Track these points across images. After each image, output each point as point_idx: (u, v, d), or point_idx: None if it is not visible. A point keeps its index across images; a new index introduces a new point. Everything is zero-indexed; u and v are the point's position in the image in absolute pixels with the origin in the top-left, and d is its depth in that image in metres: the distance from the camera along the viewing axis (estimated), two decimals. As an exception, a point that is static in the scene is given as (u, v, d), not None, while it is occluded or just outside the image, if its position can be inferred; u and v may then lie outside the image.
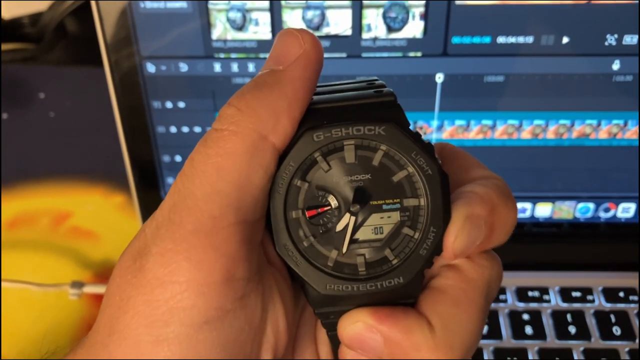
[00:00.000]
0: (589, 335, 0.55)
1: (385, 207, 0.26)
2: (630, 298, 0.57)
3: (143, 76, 0.53)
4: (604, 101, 0.54)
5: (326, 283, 0.26)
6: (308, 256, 0.26)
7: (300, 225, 0.26)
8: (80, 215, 0.68)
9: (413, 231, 0.26)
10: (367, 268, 0.26)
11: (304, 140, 0.25)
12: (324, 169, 0.25)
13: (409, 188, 0.25)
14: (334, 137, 0.25)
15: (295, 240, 0.26)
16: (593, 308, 0.57)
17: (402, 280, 0.25)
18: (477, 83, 0.53)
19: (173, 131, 0.56)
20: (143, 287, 0.23)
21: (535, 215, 0.60)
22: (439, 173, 0.25)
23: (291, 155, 0.25)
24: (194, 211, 0.23)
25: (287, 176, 0.25)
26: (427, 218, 0.25)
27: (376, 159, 0.25)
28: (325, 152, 0.25)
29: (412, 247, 0.26)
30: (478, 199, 0.26)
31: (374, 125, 0.25)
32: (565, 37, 0.51)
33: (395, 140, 0.25)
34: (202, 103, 0.55)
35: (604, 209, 0.59)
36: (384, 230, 0.26)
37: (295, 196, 0.25)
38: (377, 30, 0.51)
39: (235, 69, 0.53)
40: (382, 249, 0.26)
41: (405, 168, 0.25)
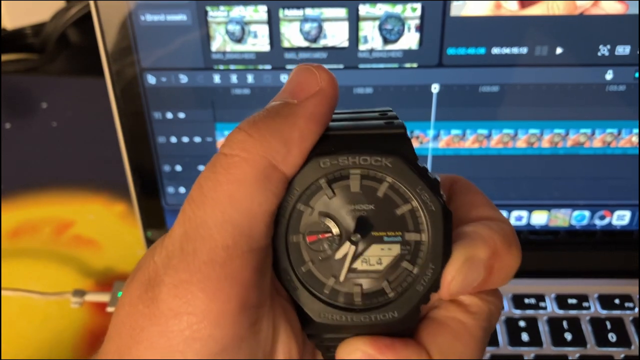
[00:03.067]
0: (585, 342, 0.55)
1: (386, 239, 0.26)
2: (626, 305, 0.58)
3: (144, 87, 0.54)
4: (598, 110, 0.54)
5: (320, 311, 0.26)
6: (305, 282, 0.26)
7: (300, 250, 0.26)
8: (82, 224, 0.69)
9: (412, 266, 0.26)
10: (363, 299, 0.26)
11: (311, 166, 0.25)
12: (328, 196, 0.25)
13: (411, 222, 0.25)
14: (341, 165, 0.25)
15: (294, 265, 0.26)
16: (589, 315, 0.57)
17: (397, 315, 0.26)
18: (473, 93, 0.54)
19: (173, 141, 0.57)
20: (157, 318, 0.22)
21: (532, 223, 0.60)
22: (442, 210, 0.25)
23: (297, 179, 0.25)
24: (207, 241, 0.22)
25: (291, 200, 0.25)
26: (427, 254, 0.25)
27: (381, 190, 0.25)
28: (331, 179, 0.25)
29: (409, 282, 0.26)
30: (481, 241, 0.25)
31: (381, 157, 0.25)
32: (559, 47, 0.52)
33: (401, 173, 0.25)
34: (201, 114, 0.55)
35: (599, 217, 0.60)
36: (383, 262, 0.26)
37: (298, 220, 0.26)
38: (374, 42, 0.52)
39: (234, 80, 0.54)
40: (379, 281, 0.26)
41: (409, 202, 0.25)
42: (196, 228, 0.23)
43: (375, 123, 0.26)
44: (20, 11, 0.89)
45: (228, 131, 0.56)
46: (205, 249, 0.22)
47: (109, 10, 0.51)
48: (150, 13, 0.51)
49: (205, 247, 0.22)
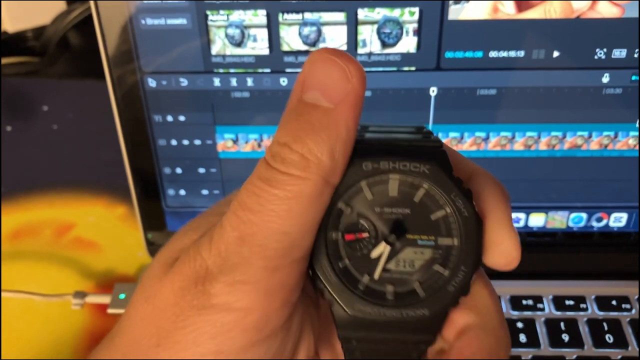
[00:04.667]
0: (582, 343, 0.56)
1: (420, 242, 0.27)
2: (623, 306, 0.58)
3: (144, 91, 0.55)
4: (595, 113, 0.55)
5: (355, 304, 0.27)
6: (341, 277, 0.27)
7: (338, 247, 0.27)
8: (83, 226, 0.69)
9: (443, 269, 0.27)
10: (395, 297, 0.27)
11: (354, 168, 0.26)
12: (367, 198, 0.27)
13: (444, 227, 0.27)
14: (381, 169, 0.26)
15: (331, 260, 0.27)
16: (586, 316, 0.58)
17: (427, 312, 0.26)
18: (470, 96, 0.54)
19: (174, 144, 0.57)
20: (206, 309, 0.24)
21: (529, 225, 0.61)
22: (475, 217, 0.26)
23: (341, 181, 0.26)
24: (264, 249, 0.24)
25: (334, 199, 0.26)
26: (458, 258, 0.26)
27: (418, 195, 0.26)
28: (371, 182, 0.26)
29: (440, 284, 0.27)
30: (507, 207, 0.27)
31: (420, 164, 0.26)
32: (556, 51, 0.52)
33: (437, 180, 0.26)
34: (202, 117, 0.56)
35: (597, 219, 0.60)
36: (415, 264, 0.27)
37: (337, 218, 0.27)
38: (372, 46, 0.52)
39: (234, 83, 0.54)
40: (411, 282, 0.27)
41: (443, 208, 0.26)
42: (253, 235, 0.24)
43: (413, 136, 0.28)
44: (21, 14, 0.90)
45: (228, 134, 0.57)
46: (262, 255, 0.24)
47: (109, 14, 0.51)
48: (151, 17, 0.52)
49: (261, 254, 0.24)
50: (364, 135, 0.27)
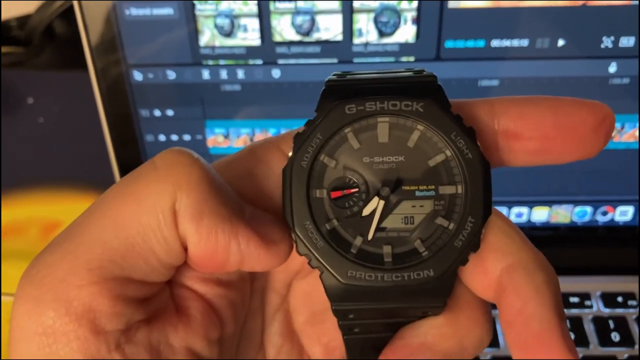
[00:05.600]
0: (588, 342, 0.54)
1: (418, 193, 0.23)
2: (629, 303, 0.57)
3: (130, 84, 0.52)
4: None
5: (348, 270, 0.23)
6: (329, 240, 0.23)
7: (323, 207, 0.23)
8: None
9: (448, 222, 0.23)
10: (394, 259, 0.23)
11: (335, 113, 0.23)
12: (354, 147, 0.23)
13: (445, 174, 0.23)
14: (368, 111, 0.23)
15: (317, 222, 0.23)
16: (591, 314, 0.56)
17: (433, 273, 0.23)
18: (472, 87, 0.52)
19: (162, 139, 0.55)
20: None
21: (532, 220, 0.59)
22: (480, 158, 0.23)
23: (320, 126, 0.23)
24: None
25: (312, 150, 0.23)
26: (464, 207, 0.23)
27: (412, 139, 0.23)
28: (357, 128, 0.23)
29: (445, 240, 0.23)
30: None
31: (412, 101, 0.23)
32: (561, 39, 0.50)
33: (433, 119, 0.23)
34: (191, 111, 0.54)
35: (602, 213, 0.58)
36: (415, 219, 0.23)
37: (321, 174, 0.23)
38: (369, 35, 0.50)
39: (224, 76, 0.52)
40: (411, 240, 0.23)
41: (442, 151, 0.23)
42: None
43: (402, 74, 0.24)
44: (5, 3, 0.87)
45: (218, 129, 0.54)
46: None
47: (92, 4, 0.49)
48: (135, 7, 0.49)
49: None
50: (345, 76, 0.24)
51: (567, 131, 0.23)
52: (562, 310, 0.22)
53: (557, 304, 0.22)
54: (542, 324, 0.21)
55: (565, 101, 0.24)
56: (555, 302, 0.22)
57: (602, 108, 0.24)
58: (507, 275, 0.22)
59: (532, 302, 0.22)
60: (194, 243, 0.22)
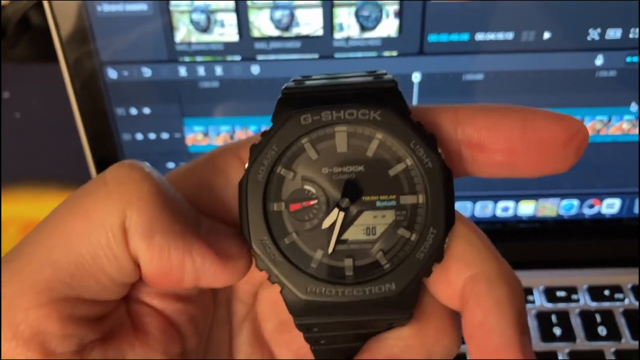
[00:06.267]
0: (574, 337, 0.54)
1: (379, 204, 0.23)
2: (616, 296, 0.56)
3: (104, 82, 0.51)
4: (587, 97, 0.52)
5: (307, 286, 0.23)
6: (289, 255, 0.23)
7: (282, 220, 0.23)
8: (49, 223, 0.65)
9: (410, 232, 0.23)
10: (355, 272, 0.23)
11: (290, 123, 0.22)
12: (311, 158, 0.23)
13: (406, 183, 0.23)
14: (324, 121, 0.22)
15: (275, 236, 0.23)
16: (578, 308, 0.55)
17: (395, 287, 0.22)
18: (456, 82, 0.51)
19: (139, 138, 0.53)
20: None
21: (519, 214, 0.58)
22: (440, 167, 0.22)
23: (275, 138, 0.22)
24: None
25: (268, 162, 0.22)
26: (426, 218, 0.22)
27: (371, 149, 0.23)
28: (314, 138, 0.23)
29: (407, 251, 0.23)
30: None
31: (369, 110, 0.22)
32: (547, 32, 0.49)
33: (392, 127, 0.22)
34: (168, 109, 0.52)
35: (588, 206, 0.58)
36: (376, 230, 0.23)
37: (278, 186, 0.23)
38: (350, 30, 0.48)
39: (201, 72, 0.50)
40: (373, 253, 0.23)
41: (403, 160, 0.23)
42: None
43: (361, 79, 0.23)
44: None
45: (197, 126, 0.53)
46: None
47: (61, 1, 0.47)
48: (107, 2, 0.47)
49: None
50: (303, 83, 0.23)
51: (536, 145, 0.22)
52: (524, 324, 0.21)
53: (519, 317, 0.21)
54: (501, 339, 0.21)
55: (535, 113, 0.23)
56: (517, 316, 0.21)
57: (574, 123, 0.23)
58: (469, 287, 0.22)
59: (493, 315, 0.21)
60: (146, 261, 0.22)
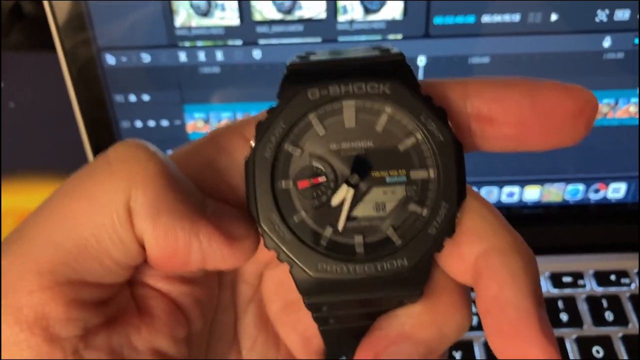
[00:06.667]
0: (582, 322, 0.53)
1: (389, 180, 0.22)
2: (622, 281, 0.56)
3: (102, 68, 0.50)
4: (594, 80, 0.51)
5: (318, 263, 0.22)
6: (298, 233, 0.22)
7: (290, 198, 0.22)
8: (47, 213, 0.64)
9: (421, 208, 0.22)
10: (365, 249, 0.23)
11: (298, 99, 0.22)
12: (319, 134, 0.22)
13: (416, 158, 0.22)
14: (332, 96, 0.22)
15: (283, 214, 0.22)
16: (585, 293, 0.55)
17: (407, 262, 0.22)
18: (462, 65, 0.50)
19: (139, 126, 0.52)
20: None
21: (524, 199, 0.57)
22: (451, 140, 0.22)
23: (283, 114, 0.22)
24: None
25: (275, 139, 0.22)
26: (437, 192, 0.22)
27: (380, 123, 0.22)
28: (322, 113, 0.22)
29: (419, 227, 0.22)
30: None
31: (378, 83, 0.22)
32: (554, 14, 0.48)
33: (402, 100, 0.22)
34: (168, 95, 0.51)
35: (594, 190, 0.57)
36: (386, 207, 0.22)
37: (286, 164, 0.22)
38: (354, 13, 0.47)
39: (202, 57, 0.49)
40: (384, 229, 0.23)
41: (413, 134, 0.22)
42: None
43: (368, 53, 0.23)
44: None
45: (198, 113, 0.52)
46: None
47: (58, -16, 0.46)
48: (105, -14, 0.46)
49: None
50: (308, 58, 0.23)
51: (545, 117, 0.22)
52: (540, 297, 0.21)
53: (535, 290, 0.21)
54: (518, 312, 0.20)
55: (544, 85, 0.22)
56: (533, 288, 0.21)
57: (585, 93, 0.22)
58: (483, 260, 0.21)
59: (508, 288, 0.21)
60: (152, 243, 0.21)
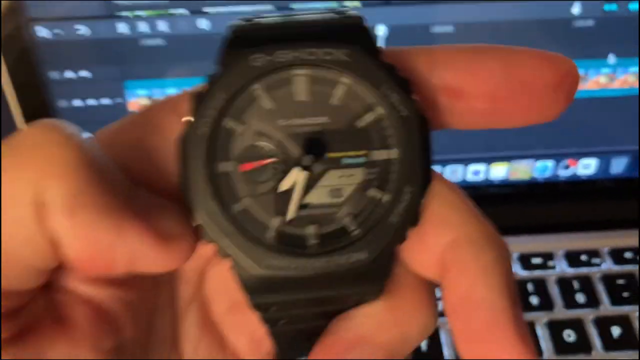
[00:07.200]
0: (552, 305, 0.51)
1: (346, 161, 0.20)
2: (593, 261, 0.54)
3: (34, 42, 0.46)
4: (563, 49, 0.48)
5: (264, 259, 0.19)
6: (240, 224, 0.19)
7: (231, 183, 0.20)
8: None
9: (382, 193, 0.20)
10: (320, 241, 0.20)
11: (238, 66, 0.19)
12: (265, 107, 0.19)
13: (377, 136, 0.20)
14: (279, 62, 0.19)
15: (223, 202, 0.19)
16: (555, 275, 0.53)
17: (366, 255, 0.19)
18: (424, 35, 0.47)
19: (77, 105, 0.49)
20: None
21: (490, 178, 0.55)
22: (416, 115, 0.19)
23: (220, 84, 0.19)
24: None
25: (213, 113, 0.19)
26: (400, 175, 0.20)
27: (336, 95, 0.19)
28: (269, 83, 0.19)
29: (380, 214, 0.20)
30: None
31: (334, 49, 0.19)
32: (520, -22, 0.45)
33: (361, 69, 0.19)
34: (108, 71, 0.48)
35: (564, 167, 0.55)
36: (343, 192, 0.20)
37: (226, 142, 0.19)
38: (307, -22, 0.44)
39: (143, 29, 0.46)
40: (340, 217, 0.20)
41: (373, 109, 0.20)
42: None
43: (322, 15, 0.20)
44: None
45: (141, 90, 0.48)
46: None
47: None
48: (32, -51, 0.42)
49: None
50: (254, 21, 0.20)
51: (521, 89, 0.19)
52: (515, 294, 0.19)
53: (510, 286, 0.19)
54: (492, 312, 0.18)
55: (519, 52, 0.20)
56: (508, 284, 0.19)
57: (565, 62, 0.20)
58: (451, 252, 0.19)
59: (481, 284, 0.18)
60: (69, 243, 0.17)
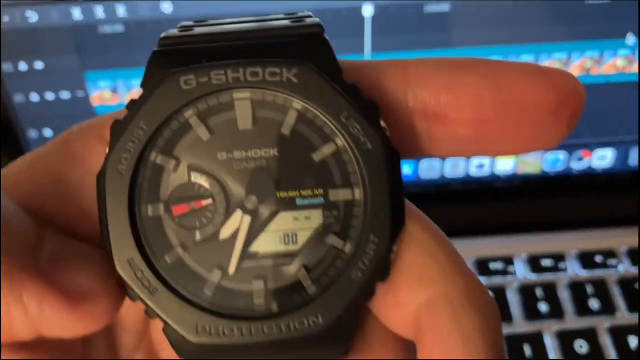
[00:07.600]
0: (562, 313, 0.47)
1: (300, 202, 0.18)
2: (609, 263, 0.50)
3: (-19, 31, 0.42)
4: (575, 29, 0.45)
5: (199, 324, 0.17)
6: (172, 280, 0.17)
7: (161, 229, 0.17)
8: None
9: (343, 241, 0.18)
10: (268, 300, 0.18)
11: (166, 88, 0.16)
12: (201, 138, 0.17)
13: (337, 172, 0.18)
14: (216, 85, 0.17)
15: (150, 253, 0.17)
16: (567, 278, 0.49)
17: (322, 321, 0.17)
18: (416, 15, 0.44)
19: (35, 100, 0.47)
20: None
21: (496, 172, 0.51)
22: (383, 148, 0.17)
23: (144, 110, 0.17)
24: None
25: (135, 146, 0.17)
26: (364, 220, 0.17)
27: (286, 124, 0.17)
28: (204, 110, 0.17)
29: (340, 268, 0.18)
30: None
31: (280, 67, 0.17)
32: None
33: (315, 93, 0.17)
34: (65, 61, 0.46)
35: (577, 159, 0.51)
36: (298, 238, 0.18)
37: (154, 181, 0.17)
38: (281, -47, 0.40)
39: (100, 14, 0.44)
40: (293, 270, 0.18)
41: (331, 140, 0.18)
42: None
43: (275, 23, 0.18)
44: None
45: (103, 81, 0.45)
46: None
47: None
48: None
49: None
50: (191, 30, 0.18)
51: (514, 113, 0.17)
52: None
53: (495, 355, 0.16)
54: None
55: (511, 68, 0.17)
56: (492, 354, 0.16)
57: (566, 78, 0.17)
58: (426, 314, 0.17)
59: (460, 354, 0.16)
60: None
